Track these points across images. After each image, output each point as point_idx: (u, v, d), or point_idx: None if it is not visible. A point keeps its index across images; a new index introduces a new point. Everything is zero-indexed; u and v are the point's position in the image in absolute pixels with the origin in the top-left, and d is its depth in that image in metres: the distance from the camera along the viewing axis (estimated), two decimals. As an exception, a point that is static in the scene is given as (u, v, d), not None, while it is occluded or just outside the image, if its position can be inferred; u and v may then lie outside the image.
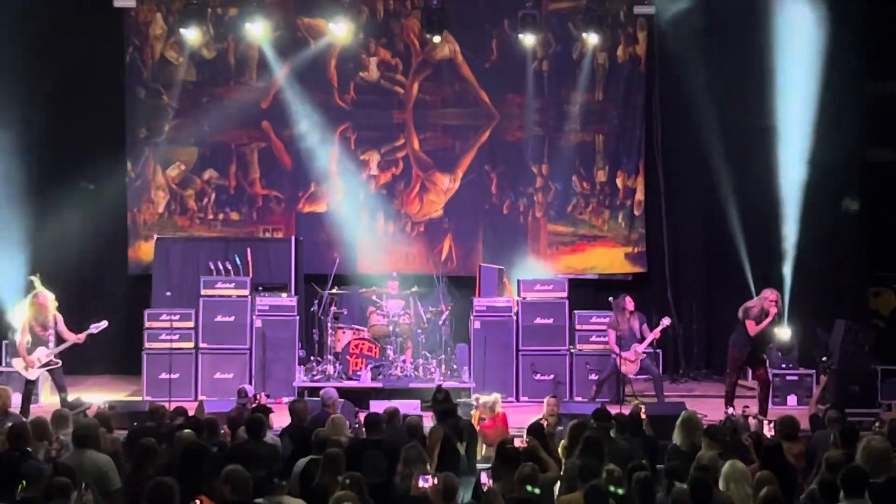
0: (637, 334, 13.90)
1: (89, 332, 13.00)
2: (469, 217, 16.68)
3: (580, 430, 8.81)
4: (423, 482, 7.68)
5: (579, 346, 14.74)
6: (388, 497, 7.65)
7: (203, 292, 14.60)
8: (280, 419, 10.85)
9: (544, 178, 16.66)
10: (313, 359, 14.71)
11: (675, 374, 16.25)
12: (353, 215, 16.43)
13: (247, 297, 14.62)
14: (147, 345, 14.46)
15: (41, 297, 12.90)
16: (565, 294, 14.87)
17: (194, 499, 6.71)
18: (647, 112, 16.63)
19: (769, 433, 9.71)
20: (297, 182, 16.55)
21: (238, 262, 15.09)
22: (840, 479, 6.95)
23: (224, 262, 15.08)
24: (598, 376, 14.25)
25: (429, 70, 16.59)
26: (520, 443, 8.87)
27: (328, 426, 9.22)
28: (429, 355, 14.61)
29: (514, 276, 15.44)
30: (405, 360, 14.38)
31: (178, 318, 14.47)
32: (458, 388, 13.90)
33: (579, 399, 14.27)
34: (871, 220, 16.59)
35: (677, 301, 16.54)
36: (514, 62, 16.44)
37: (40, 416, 9.38)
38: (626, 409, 11.59)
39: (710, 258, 16.88)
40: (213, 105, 16.38)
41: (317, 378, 14.18)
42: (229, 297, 14.63)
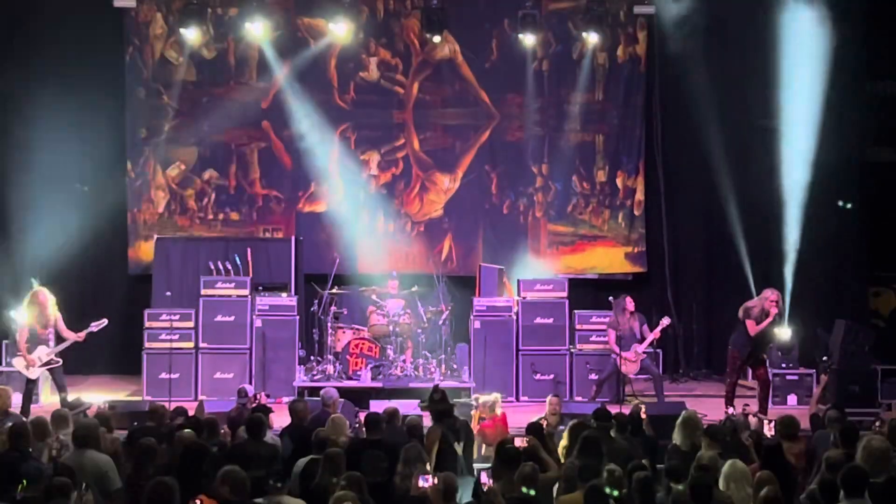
0: (637, 335, 13.91)
1: (89, 330, 13.00)
2: (469, 217, 16.68)
3: (580, 429, 8.80)
4: (423, 482, 7.69)
5: (579, 346, 14.74)
6: (388, 497, 7.65)
7: (203, 292, 14.60)
8: (280, 419, 10.85)
9: (544, 178, 16.65)
10: (313, 358, 14.70)
11: (675, 374, 16.24)
12: (353, 215, 16.43)
13: (247, 296, 14.62)
14: (147, 345, 14.46)
15: (41, 296, 12.90)
16: (565, 294, 14.88)
17: (195, 498, 6.70)
18: (647, 112, 16.62)
19: (769, 432, 9.71)
20: (297, 182, 16.54)
21: (238, 262, 15.09)
22: (840, 479, 6.94)
23: (224, 262, 15.07)
24: (599, 376, 14.26)
25: (429, 70, 16.58)
26: (520, 442, 8.86)
27: (328, 426, 9.22)
28: (429, 355, 14.61)
29: (514, 275, 15.43)
30: (405, 360, 14.38)
31: (178, 317, 14.47)
32: (458, 388, 13.91)
33: (579, 399, 14.27)
34: (871, 219, 16.59)
35: (677, 301, 16.53)
36: (514, 62, 16.43)
37: (40, 415, 9.39)
38: (626, 408, 11.58)
39: (710, 258, 16.88)
40: (213, 105, 16.38)
41: (317, 378, 14.18)
42: (229, 296, 14.63)
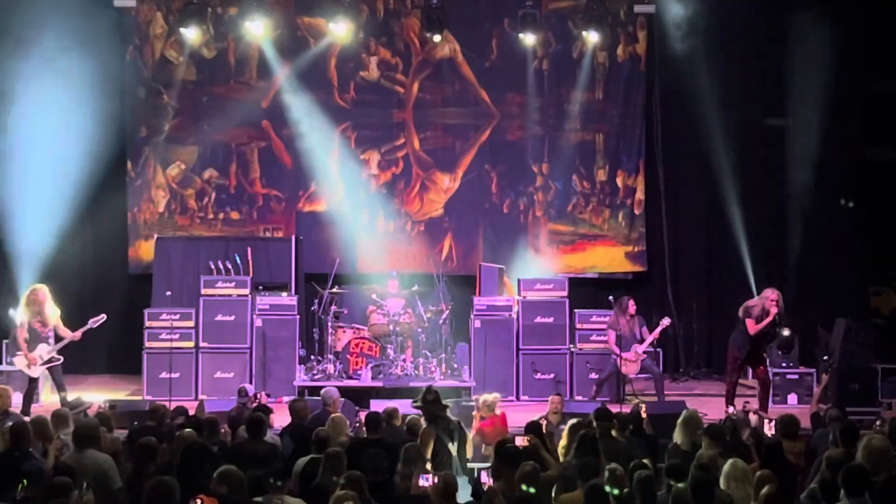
0: (637, 336, 13.90)
1: (88, 327, 13.00)
2: (469, 216, 16.68)
3: (577, 429, 8.81)
4: (423, 481, 7.70)
5: (579, 345, 14.73)
6: (388, 496, 7.64)
7: (203, 292, 14.59)
8: (280, 418, 10.85)
9: (544, 178, 16.65)
10: (314, 358, 14.69)
11: (675, 373, 16.24)
12: (353, 214, 16.42)
13: (247, 296, 14.61)
14: (147, 344, 14.45)
15: (41, 295, 12.91)
16: (565, 293, 14.87)
17: (195, 497, 6.70)
18: (648, 111, 16.61)
19: (769, 431, 9.71)
20: (298, 181, 16.53)
21: (238, 262, 15.09)
22: (841, 478, 6.94)
23: (224, 262, 15.06)
24: (599, 376, 14.26)
25: (429, 69, 16.58)
26: (520, 441, 8.85)
27: (328, 425, 9.23)
28: (429, 354, 14.60)
29: (515, 275, 15.42)
30: (405, 360, 14.38)
31: (178, 317, 14.46)
32: (459, 387, 13.93)
33: (579, 398, 14.26)
34: (871, 219, 16.58)
35: (677, 300, 16.52)
36: (514, 61, 16.43)
37: (41, 415, 9.40)
38: (626, 408, 11.60)
39: (711, 257, 16.88)
40: (213, 104, 16.38)
41: (317, 377, 14.17)
42: (229, 296, 14.62)
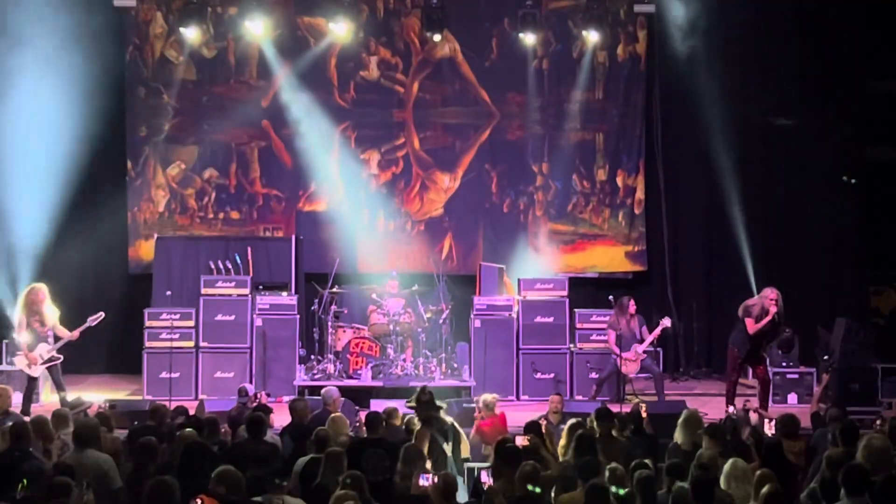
0: (637, 335, 13.90)
1: (86, 326, 12.99)
2: (469, 216, 16.67)
3: (576, 429, 8.81)
4: (423, 480, 7.70)
5: (579, 345, 14.72)
6: (388, 496, 7.64)
7: (203, 291, 14.59)
8: (281, 418, 10.85)
9: (544, 177, 16.64)
10: (314, 358, 14.69)
11: (675, 373, 16.23)
12: (353, 214, 16.41)
13: (247, 296, 14.61)
14: (147, 344, 14.44)
15: (40, 294, 12.91)
16: (565, 293, 14.86)
17: (195, 497, 6.70)
18: (648, 110, 16.61)
19: (770, 431, 9.70)
20: (298, 181, 16.53)
21: (238, 261, 15.08)
22: (841, 478, 6.94)
23: (224, 261, 15.06)
24: (599, 375, 14.26)
25: (429, 69, 16.57)
26: (520, 441, 8.85)
27: (328, 425, 9.22)
28: (429, 354, 14.60)
29: (515, 274, 15.41)
30: (405, 359, 14.38)
31: (178, 317, 14.45)
32: (459, 387, 13.93)
33: (580, 398, 14.26)
34: (870, 218, 16.58)
35: (678, 299, 16.51)
36: (514, 61, 16.42)
37: (41, 414, 9.40)
38: (626, 407, 11.60)
39: (711, 256, 16.87)
40: (213, 104, 16.38)
41: (317, 377, 14.17)
42: (230, 296, 14.62)
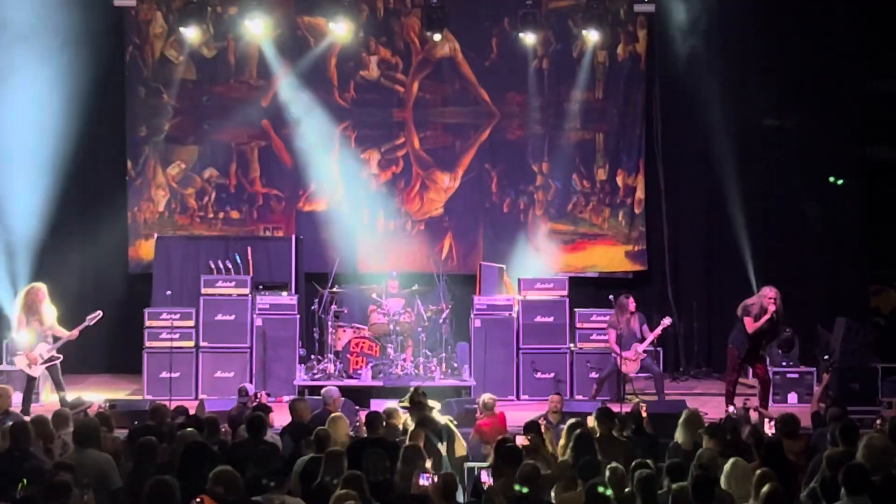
0: (637, 334, 13.89)
1: (85, 325, 12.98)
2: (469, 215, 16.67)
3: (574, 428, 8.81)
4: (423, 480, 7.70)
5: (580, 345, 14.72)
6: (388, 496, 7.64)
7: (203, 291, 14.59)
8: (281, 418, 10.85)
9: (544, 177, 16.64)
10: (314, 357, 14.68)
11: (675, 372, 16.23)
12: (353, 214, 16.41)
13: (247, 295, 14.61)
14: (147, 344, 14.43)
15: (40, 294, 12.91)
16: (566, 292, 14.86)
17: (195, 497, 6.69)
18: (648, 110, 16.61)
19: (769, 430, 9.71)
20: (298, 181, 16.52)
21: (238, 261, 15.08)
22: (841, 477, 6.94)
23: (224, 261, 15.05)
24: (599, 375, 14.26)
25: (429, 68, 16.57)
26: (520, 441, 8.85)
27: (328, 424, 9.22)
28: (429, 354, 14.59)
29: (515, 274, 15.41)
30: (406, 359, 14.38)
31: (178, 316, 14.45)
32: (459, 387, 13.93)
33: (580, 397, 14.27)
34: (871, 217, 16.58)
35: (678, 299, 16.51)
36: (514, 60, 16.42)
37: (41, 414, 9.40)
38: (626, 407, 11.60)
39: (711, 256, 16.87)
40: (213, 104, 16.38)
41: (317, 377, 14.17)
42: (230, 295, 14.62)
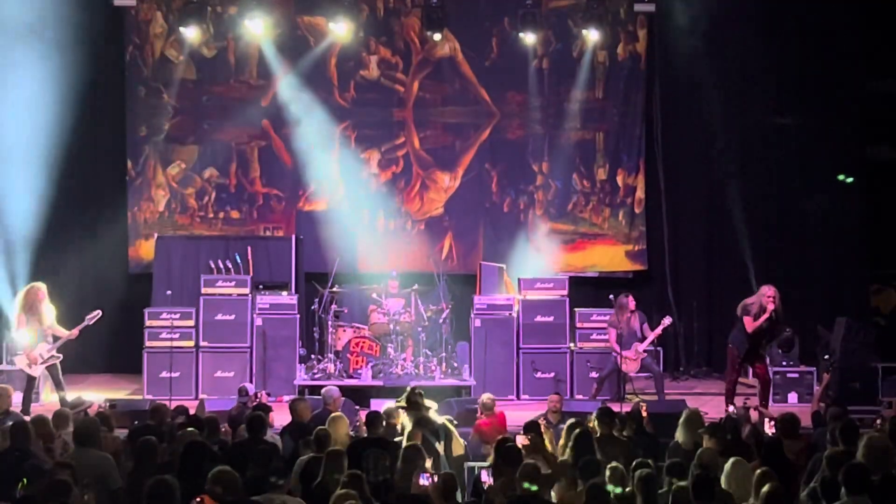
0: (638, 333, 13.89)
1: (84, 324, 12.98)
2: (469, 215, 16.67)
3: (575, 428, 8.81)
4: (423, 480, 7.69)
5: (580, 344, 14.72)
6: (388, 496, 7.64)
7: (203, 291, 14.58)
8: (281, 417, 10.85)
9: (545, 176, 16.64)
10: (314, 357, 14.68)
11: (675, 372, 16.23)
12: (353, 213, 16.41)
13: (247, 295, 14.60)
14: (147, 343, 14.43)
15: (40, 294, 12.90)
16: (566, 292, 14.86)
17: (196, 497, 6.69)
18: (648, 110, 16.60)
19: (769, 430, 9.70)
20: (298, 180, 16.51)
21: (238, 261, 15.07)
22: (841, 476, 6.94)
23: (224, 261, 15.05)
24: (599, 374, 14.25)
25: (429, 68, 16.57)
26: (520, 440, 8.85)
27: (328, 424, 9.22)
28: (429, 353, 14.59)
29: (515, 274, 15.41)
30: (406, 359, 14.38)
31: (178, 316, 14.44)
32: (459, 386, 13.93)
33: (580, 397, 14.27)
34: (871, 217, 16.58)
35: (678, 299, 16.51)
36: (514, 60, 16.42)
37: (41, 414, 9.39)
38: (626, 406, 11.60)
39: (711, 255, 16.87)
40: (213, 103, 16.38)
41: (317, 376, 14.16)
42: (230, 295, 14.61)
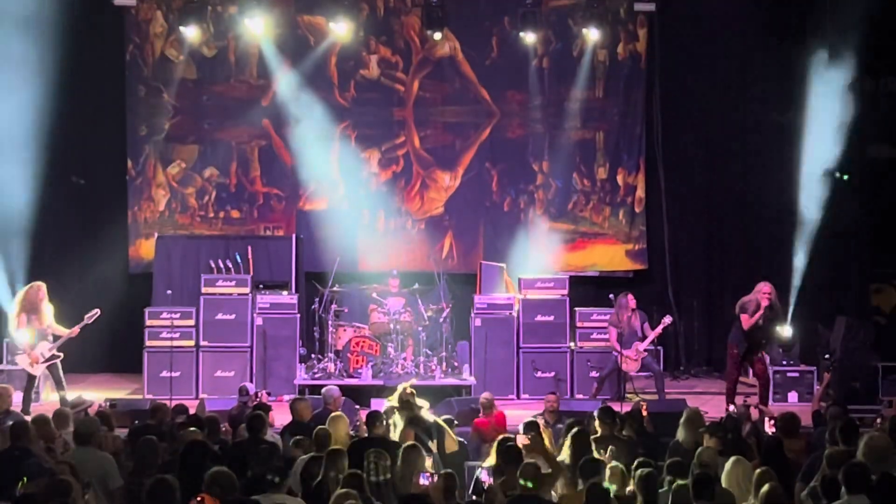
0: (638, 332, 13.89)
1: (84, 323, 12.98)
2: (470, 214, 16.66)
3: (573, 427, 8.81)
4: (423, 479, 7.70)
5: (580, 344, 14.72)
6: (388, 495, 7.64)
7: (204, 290, 14.59)
8: (281, 417, 10.85)
9: (545, 176, 16.64)
10: (314, 357, 14.69)
11: (675, 371, 16.23)
12: (353, 213, 16.41)
13: (247, 295, 14.60)
14: (148, 343, 14.43)
15: (40, 293, 12.90)
16: (566, 291, 14.87)
17: (195, 497, 6.69)
18: (648, 109, 16.60)
19: (770, 429, 9.71)
20: (298, 180, 16.51)
21: (239, 260, 15.07)
22: (841, 476, 6.95)
23: (225, 260, 15.05)
24: (600, 374, 14.25)
25: (429, 67, 16.57)
26: (520, 440, 8.85)
27: (328, 424, 9.22)
28: (430, 353, 14.60)
29: (515, 273, 15.40)
30: (406, 358, 14.38)
31: (178, 316, 14.44)
32: (459, 386, 13.93)
33: (580, 396, 14.28)
34: (871, 216, 16.57)
35: (678, 298, 16.50)
36: (514, 59, 16.42)
37: (42, 413, 9.40)
38: (627, 406, 11.60)
39: (711, 255, 16.87)
40: (213, 103, 16.38)
41: (318, 376, 14.17)
42: (230, 295, 14.62)
